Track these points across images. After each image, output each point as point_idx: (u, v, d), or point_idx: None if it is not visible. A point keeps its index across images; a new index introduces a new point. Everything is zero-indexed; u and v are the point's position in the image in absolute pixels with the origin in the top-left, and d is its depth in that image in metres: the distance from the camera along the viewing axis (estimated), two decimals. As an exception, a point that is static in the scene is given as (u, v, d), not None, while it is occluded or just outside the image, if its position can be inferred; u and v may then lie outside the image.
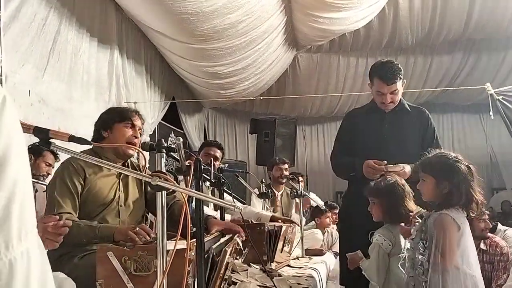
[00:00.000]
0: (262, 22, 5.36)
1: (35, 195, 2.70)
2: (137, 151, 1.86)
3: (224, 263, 1.61)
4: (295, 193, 3.46)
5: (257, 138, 7.06)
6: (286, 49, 6.94)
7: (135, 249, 1.43)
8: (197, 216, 1.29)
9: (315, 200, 4.68)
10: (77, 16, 4.00)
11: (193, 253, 1.37)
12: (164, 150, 1.24)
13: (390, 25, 7.04)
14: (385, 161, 2.37)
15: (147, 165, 2.08)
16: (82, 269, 1.70)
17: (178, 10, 4.31)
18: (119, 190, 2.06)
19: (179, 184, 1.25)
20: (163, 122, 6.56)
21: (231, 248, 1.73)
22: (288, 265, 2.92)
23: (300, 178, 4.77)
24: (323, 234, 4.38)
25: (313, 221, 4.60)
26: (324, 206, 4.52)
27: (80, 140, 1.16)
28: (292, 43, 7.01)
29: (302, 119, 9.70)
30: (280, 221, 3.00)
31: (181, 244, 1.26)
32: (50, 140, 1.13)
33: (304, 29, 6.40)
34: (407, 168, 2.39)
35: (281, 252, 2.67)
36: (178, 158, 1.33)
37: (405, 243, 2.17)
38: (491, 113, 5.02)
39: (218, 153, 3.54)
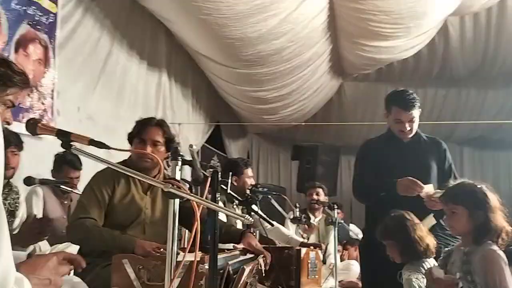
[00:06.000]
0: (307, 49, 5.39)
1: (69, 206, 2.83)
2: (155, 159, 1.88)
3: (242, 282, 1.56)
4: (330, 220, 3.37)
5: (298, 164, 6.99)
6: (332, 77, 6.91)
7: (149, 258, 1.43)
8: (212, 228, 1.27)
9: (354, 231, 4.52)
10: (128, 39, 4.22)
11: (206, 266, 1.35)
12: (179, 157, 1.25)
13: (440, 55, 6.84)
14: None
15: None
16: (102, 278, 1.71)
17: (224, 35, 4.44)
18: (145, 207, 2.06)
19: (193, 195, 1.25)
20: (206, 145, 6.67)
21: (250, 267, 1.68)
22: (319, 295, 2.82)
23: (336, 206, 4.62)
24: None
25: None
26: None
27: (99, 144, 1.19)
28: (338, 71, 6.96)
29: (349, 148, 9.43)
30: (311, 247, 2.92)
31: (191, 257, 1.25)
32: (71, 143, 1.17)
33: (350, 57, 6.36)
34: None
35: (308, 277, 2.58)
36: (195, 167, 1.33)
37: None
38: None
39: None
